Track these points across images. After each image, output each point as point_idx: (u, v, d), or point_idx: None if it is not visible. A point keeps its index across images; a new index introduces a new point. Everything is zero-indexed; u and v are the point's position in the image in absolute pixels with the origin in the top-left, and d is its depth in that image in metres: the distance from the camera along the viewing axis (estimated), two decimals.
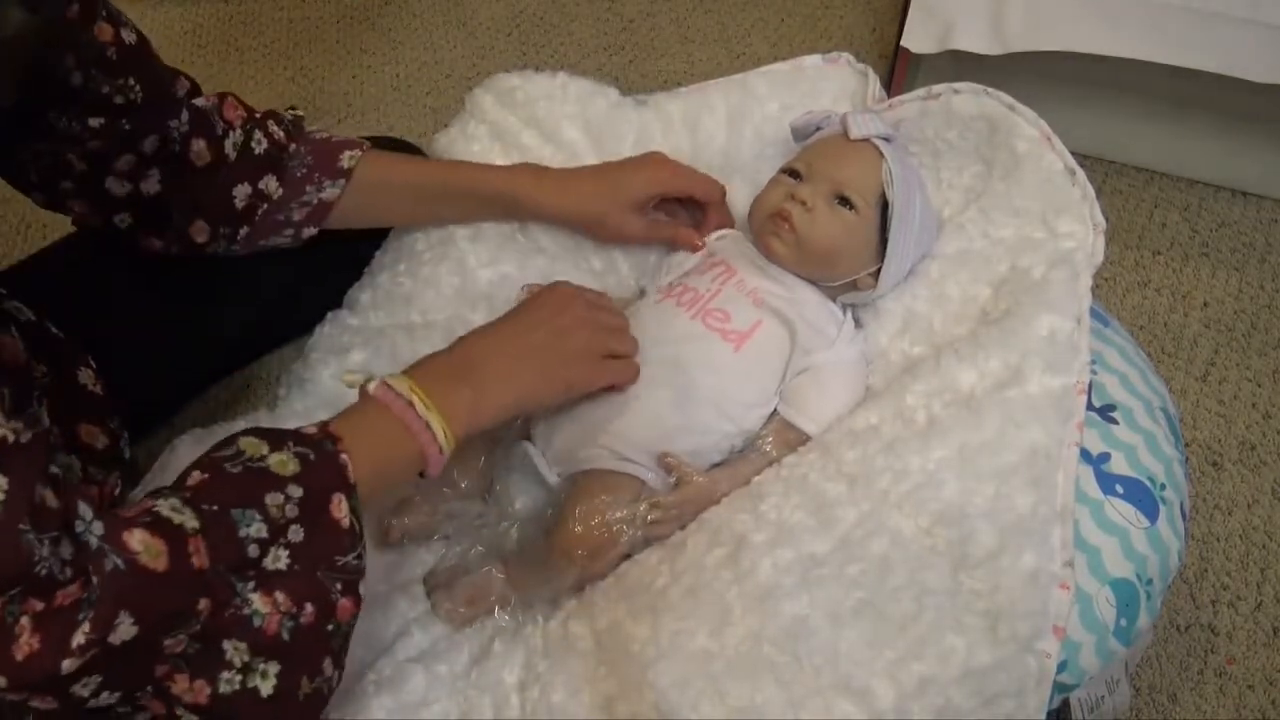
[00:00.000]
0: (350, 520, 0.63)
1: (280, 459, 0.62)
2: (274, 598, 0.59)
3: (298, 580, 0.60)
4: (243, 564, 0.59)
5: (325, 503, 0.62)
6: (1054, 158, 0.91)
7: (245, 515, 0.59)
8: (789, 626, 0.71)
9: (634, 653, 0.72)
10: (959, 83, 0.96)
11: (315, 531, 0.61)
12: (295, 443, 0.64)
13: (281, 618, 0.59)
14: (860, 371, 0.87)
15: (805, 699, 0.69)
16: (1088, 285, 0.85)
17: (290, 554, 0.60)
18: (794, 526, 0.75)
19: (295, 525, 0.61)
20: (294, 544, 0.61)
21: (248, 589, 0.59)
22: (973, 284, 0.88)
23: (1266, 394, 1.30)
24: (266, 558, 0.60)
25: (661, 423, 0.83)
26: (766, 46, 1.69)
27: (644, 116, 1.04)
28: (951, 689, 0.69)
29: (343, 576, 0.63)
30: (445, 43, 1.70)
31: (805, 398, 0.85)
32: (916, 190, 0.89)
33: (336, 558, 0.62)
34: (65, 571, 0.51)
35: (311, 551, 0.61)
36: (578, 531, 0.80)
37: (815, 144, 0.92)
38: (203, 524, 0.57)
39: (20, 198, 0.84)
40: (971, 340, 0.83)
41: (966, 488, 0.75)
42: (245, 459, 0.62)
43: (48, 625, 0.50)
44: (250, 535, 0.59)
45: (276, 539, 0.60)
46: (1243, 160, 1.47)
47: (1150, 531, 0.79)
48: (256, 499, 0.60)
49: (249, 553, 0.59)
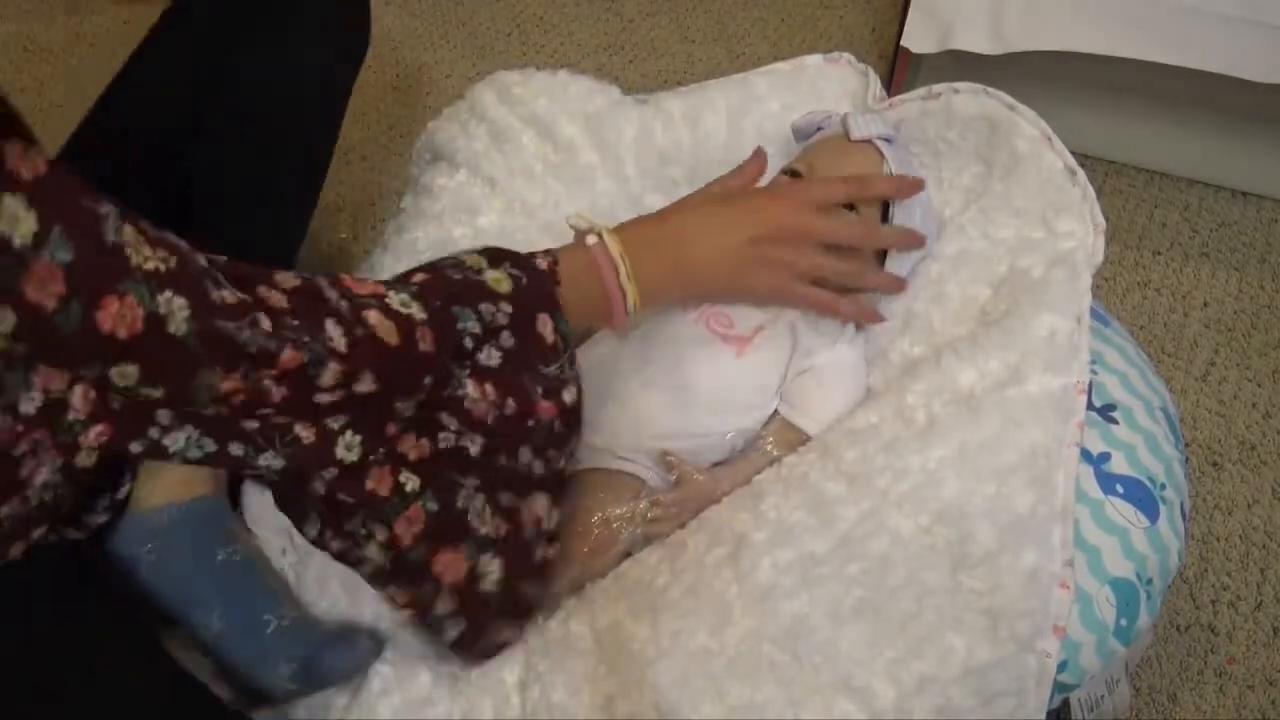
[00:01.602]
0: (555, 338, 0.70)
1: (496, 276, 0.69)
2: (484, 388, 0.67)
3: (504, 378, 0.68)
4: (460, 353, 0.66)
5: (532, 320, 0.69)
6: (1054, 157, 0.91)
7: (464, 313, 0.66)
8: (789, 625, 0.71)
9: (634, 652, 0.72)
10: (959, 82, 0.96)
11: (522, 340, 0.69)
12: (513, 264, 0.71)
13: (488, 406, 0.68)
14: (860, 372, 0.87)
15: (805, 698, 0.69)
16: (1088, 285, 0.85)
17: (502, 355, 0.68)
18: (794, 526, 0.75)
19: (505, 331, 0.68)
20: (505, 347, 0.68)
21: (464, 375, 0.67)
22: (972, 284, 0.88)
23: (1266, 394, 1.30)
24: (481, 353, 0.67)
25: (659, 424, 0.83)
26: (766, 46, 1.69)
27: (644, 114, 1.04)
28: (951, 688, 0.69)
29: (544, 383, 0.70)
30: (445, 43, 1.70)
31: (806, 398, 0.84)
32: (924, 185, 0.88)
33: (540, 366, 0.70)
34: (271, 343, 0.56)
35: (517, 357, 0.69)
36: (577, 530, 0.80)
37: (816, 144, 0.92)
38: (429, 315, 0.64)
39: None
40: (971, 340, 0.83)
41: (966, 487, 0.75)
42: (466, 268, 0.69)
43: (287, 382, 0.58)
44: (467, 329, 0.66)
45: (489, 339, 0.68)
46: (1243, 160, 1.47)
47: (1150, 531, 0.79)
48: (474, 303, 0.67)
49: (466, 344, 0.66)
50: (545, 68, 1.09)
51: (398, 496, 0.67)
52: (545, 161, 1.01)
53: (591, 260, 0.74)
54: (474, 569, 0.71)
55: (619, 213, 0.99)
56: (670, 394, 0.83)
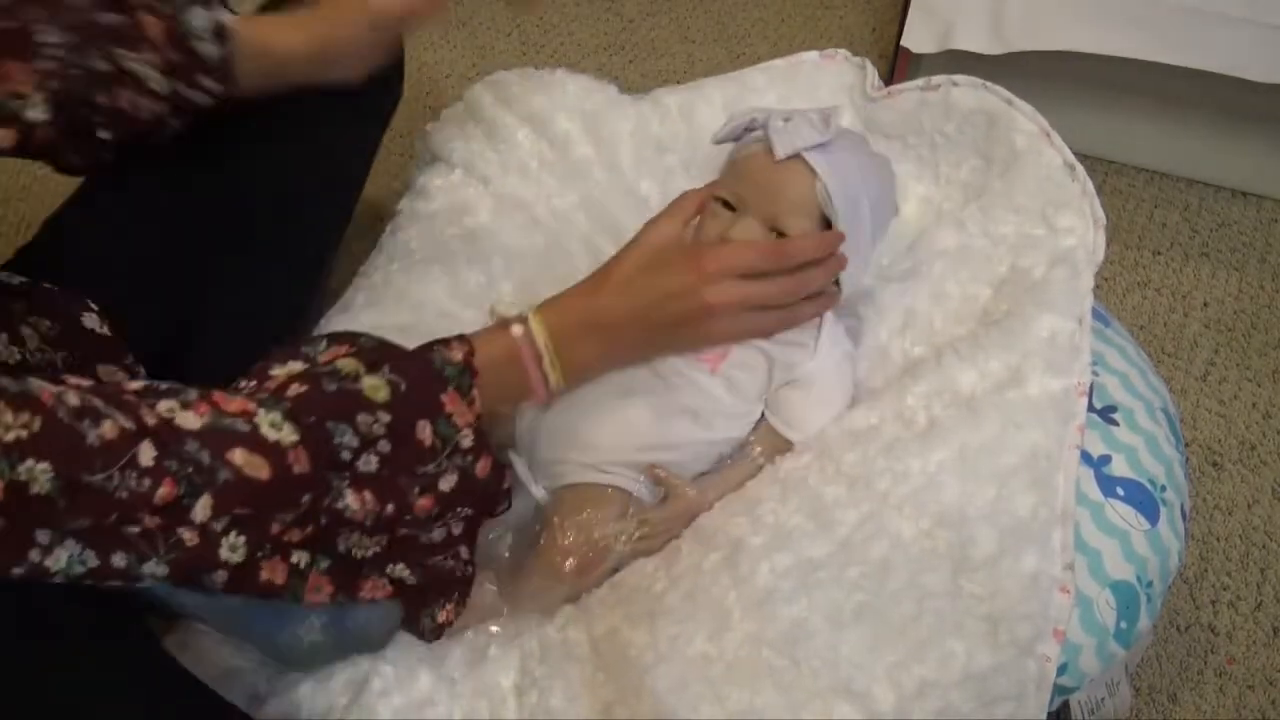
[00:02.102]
0: (434, 440, 0.70)
1: (373, 383, 0.68)
2: (363, 495, 0.68)
3: (382, 483, 0.68)
4: (338, 465, 0.67)
5: (411, 426, 0.69)
6: (1053, 153, 0.90)
7: (339, 429, 0.66)
8: (788, 630, 0.71)
9: (632, 658, 0.72)
10: (958, 75, 0.96)
11: (399, 446, 0.68)
12: (393, 368, 0.70)
13: (366, 512, 0.68)
14: (847, 372, 0.85)
15: (805, 702, 0.68)
16: (1089, 285, 0.85)
17: (379, 460, 0.68)
18: (792, 530, 0.75)
19: (383, 440, 0.68)
20: (382, 453, 0.68)
21: (343, 484, 0.67)
22: (973, 283, 0.88)
23: (1266, 394, 1.30)
24: (359, 461, 0.67)
25: (641, 436, 0.81)
26: (766, 46, 1.69)
27: (641, 109, 1.04)
28: (951, 692, 0.69)
29: (421, 481, 0.70)
30: (445, 43, 1.70)
31: (792, 410, 0.83)
32: (862, 190, 0.81)
33: (418, 468, 0.70)
34: (144, 482, 0.58)
35: (395, 461, 0.68)
36: (565, 547, 0.79)
37: (743, 165, 0.83)
38: (302, 435, 0.64)
39: (20, 198, 0.83)
40: (972, 341, 0.82)
41: (967, 490, 0.75)
42: (342, 377, 0.68)
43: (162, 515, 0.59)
44: (344, 444, 0.66)
45: (366, 449, 0.67)
46: (1243, 160, 1.47)
47: (1151, 534, 0.79)
48: (349, 417, 0.67)
49: (343, 457, 0.66)
50: (545, 68, 1.10)
51: (295, 577, 0.69)
52: (540, 158, 1.01)
53: (514, 349, 0.74)
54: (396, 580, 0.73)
55: (612, 204, 0.99)
56: (651, 406, 0.81)
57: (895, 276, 0.90)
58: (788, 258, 0.77)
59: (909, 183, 0.98)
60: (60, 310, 0.81)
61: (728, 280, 0.76)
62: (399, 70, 1.05)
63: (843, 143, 0.81)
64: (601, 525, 0.80)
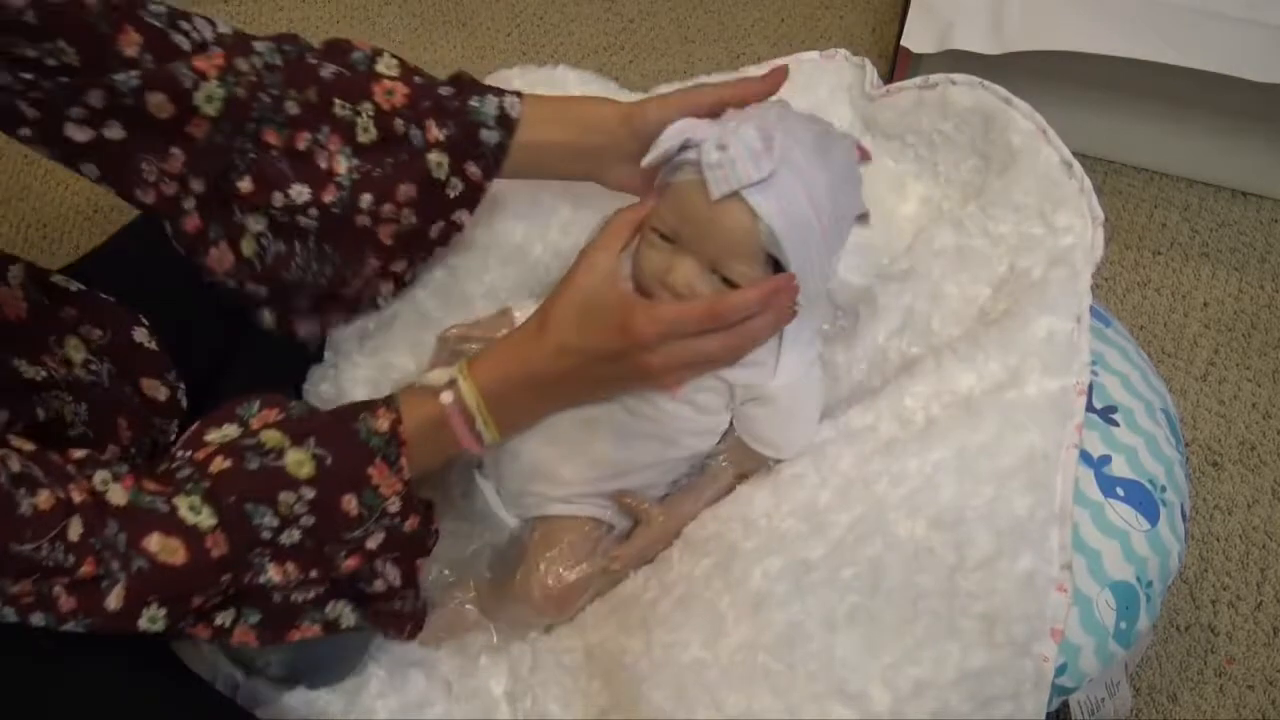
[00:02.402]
0: (360, 510, 0.68)
1: (297, 458, 0.66)
2: (285, 567, 0.67)
3: (305, 553, 0.67)
4: (258, 543, 0.65)
5: (336, 500, 0.67)
6: (1050, 151, 0.90)
7: (258, 510, 0.65)
8: (783, 634, 0.70)
9: (627, 665, 0.72)
10: (957, 74, 0.96)
11: (324, 518, 0.67)
12: (319, 440, 0.67)
13: (290, 580, 0.67)
14: (814, 380, 0.80)
15: (801, 706, 0.68)
16: (1087, 283, 0.84)
17: (302, 533, 0.67)
18: (785, 533, 0.75)
19: (306, 516, 0.66)
20: (305, 526, 0.67)
21: (264, 560, 0.66)
22: (972, 284, 0.87)
23: (1266, 394, 1.30)
24: (281, 536, 0.66)
25: (607, 465, 0.79)
26: (766, 46, 1.69)
27: None
28: (948, 693, 0.69)
29: (348, 546, 0.69)
30: (445, 43, 1.70)
31: (760, 429, 0.79)
32: (813, 216, 0.71)
33: (344, 535, 0.68)
34: (69, 558, 0.58)
35: (319, 532, 0.67)
36: (543, 583, 0.78)
37: (679, 195, 0.72)
38: (220, 519, 0.63)
39: (20, 198, 0.84)
40: (970, 342, 0.82)
41: (964, 490, 0.75)
42: (266, 452, 0.66)
43: (79, 592, 0.59)
44: (264, 525, 0.65)
45: (288, 526, 0.66)
46: (1243, 160, 1.47)
47: (1151, 534, 0.79)
48: (270, 496, 0.65)
49: (263, 535, 0.65)
50: (545, 67, 1.10)
51: (221, 635, 0.68)
52: None
53: (443, 415, 0.72)
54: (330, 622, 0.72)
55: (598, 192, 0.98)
56: (615, 433, 0.78)
57: (895, 276, 0.90)
58: (727, 317, 0.70)
59: (908, 181, 0.98)
60: (110, 321, 0.81)
61: (665, 344, 0.70)
62: None
63: (788, 165, 0.70)
64: (576, 560, 0.78)
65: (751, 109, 0.75)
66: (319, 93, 0.77)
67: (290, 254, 0.79)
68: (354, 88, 0.78)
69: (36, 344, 0.75)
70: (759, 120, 0.71)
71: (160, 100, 0.73)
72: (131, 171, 0.75)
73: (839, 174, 0.73)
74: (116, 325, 0.82)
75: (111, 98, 0.72)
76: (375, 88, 0.78)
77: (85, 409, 0.76)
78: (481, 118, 0.80)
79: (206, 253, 0.79)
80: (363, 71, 0.79)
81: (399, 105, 0.78)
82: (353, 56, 0.79)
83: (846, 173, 0.75)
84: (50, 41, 0.68)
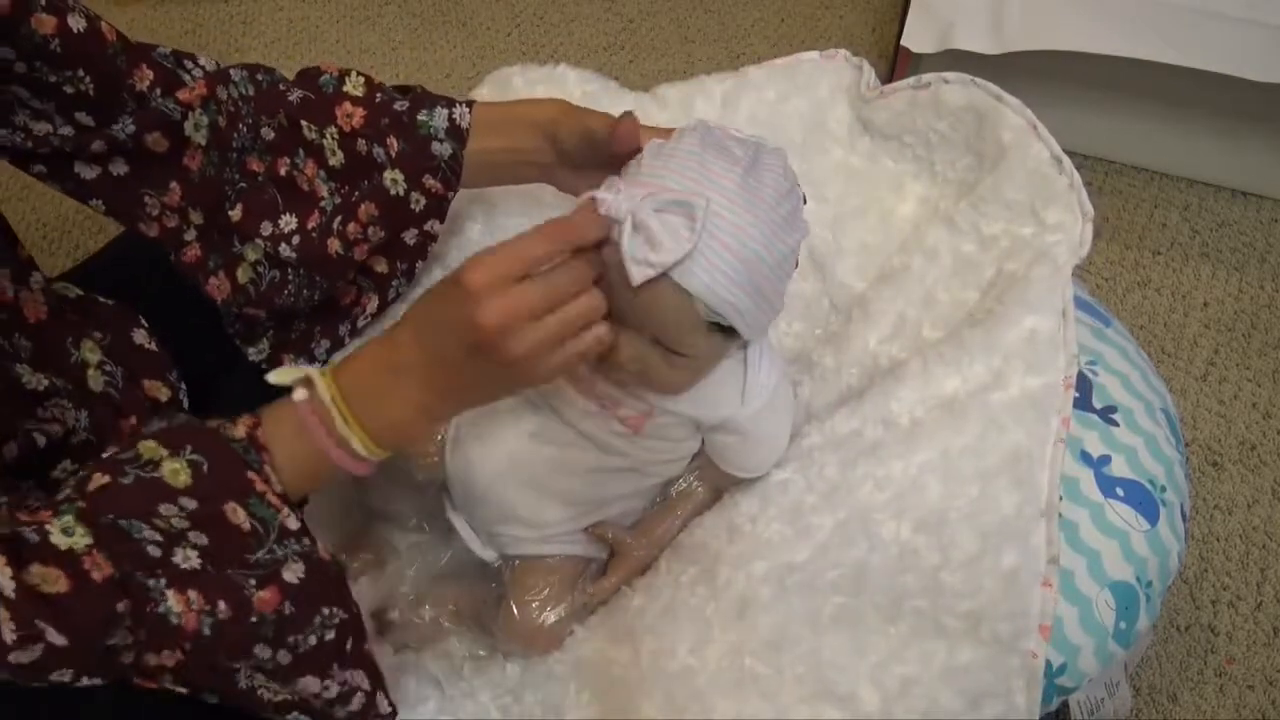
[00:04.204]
0: (251, 524, 0.62)
1: (174, 467, 0.62)
2: (186, 596, 0.60)
3: (208, 579, 0.61)
4: (148, 563, 0.60)
5: (220, 513, 0.62)
6: (1040, 147, 0.90)
7: (134, 525, 0.60)
8: (769, 638, 0.70)
9: (616, 676, 0.72)
10: (949, 73, 0.96)
11: (216, 535, 0.62)
12: (196, 446, 0.63)
13: (199, 615, 0.61)
14: (783, 398, 0.78)
15: (791, 709, 0.68)
16: (1068, 276, 0.84)
17: (199, 554, 0.61)
18: (770, 538, 0.74)
19: (194, 531, 0.61)
20: (200, 545, 0.61)
21: (161, 585, 0.60)
22: (963, 289, 0.87)
23: (1266, 394, 1.30)
24: (174, 556, 0.60)
25: (582, 501, 0.78)
26: (766, 46, 1.69)
27: (640, 99, 1.04)
28: (936, 690, 0.69)
29: (256, 572, 0.63)
30: (445, 43, 1.70)
31: (732, 457, 0.77)
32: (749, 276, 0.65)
33: (246, 556, 0.63)
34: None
35: (218, 555, 0.62)
36: (528, 628, 0.78)
37: (611, 276, 0.65)
38: (95, 538, 0.59)
39: (20, 198, 0.84)
40: (955, 344, 0.82)
41: (949, 490, 0.75)
42: (142, 463, 0.62)
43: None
44: (145, 539, 0.60)
45: (176, 542, 0.61)
46: (1243, 160, 1.47)
47: (1150, 534, 0.79)
48: (147, 510, 0.60)
49: (150, 553, 0.60)
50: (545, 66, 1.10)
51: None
52: None
53: (298, 414, 0.64)
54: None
55: None
56: (588, 471, 0.77)
57: (889, 278, 0.90)
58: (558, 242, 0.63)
59: (906, 181, 0.98)
60: (111, 324, 0.82)
61: (496, 293, 0.61)
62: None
63: (715, 228, 0.63)
64: (556, 600, 0.78)
65: (672, 144, 0.68)
66: (288, 116, 0.79)
67: (284, 281, 0.81)
68: (319, 111, 0.79)
69: (55, 348, 0.76)
70: (679, 175, 0.65)
71: (156, 137, 0.76)
72: (135, 205, 0.78)
73: (771, 205, 0.66)
74: (117, 328, 0.83)
75: (114, 141, 0.76)
76: (338, 110, 0.79)
77: (86, 416, 0.76)
78: (431, 131, 0.80)
79: (206, 281, 0.80)
80: (329, 94, 0.80)
81: (358, 126, 0.79)
82: (320, 80, 0.81)
83: (779, 198, 0.67)
84: (71, 69, 0.71)
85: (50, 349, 0.75)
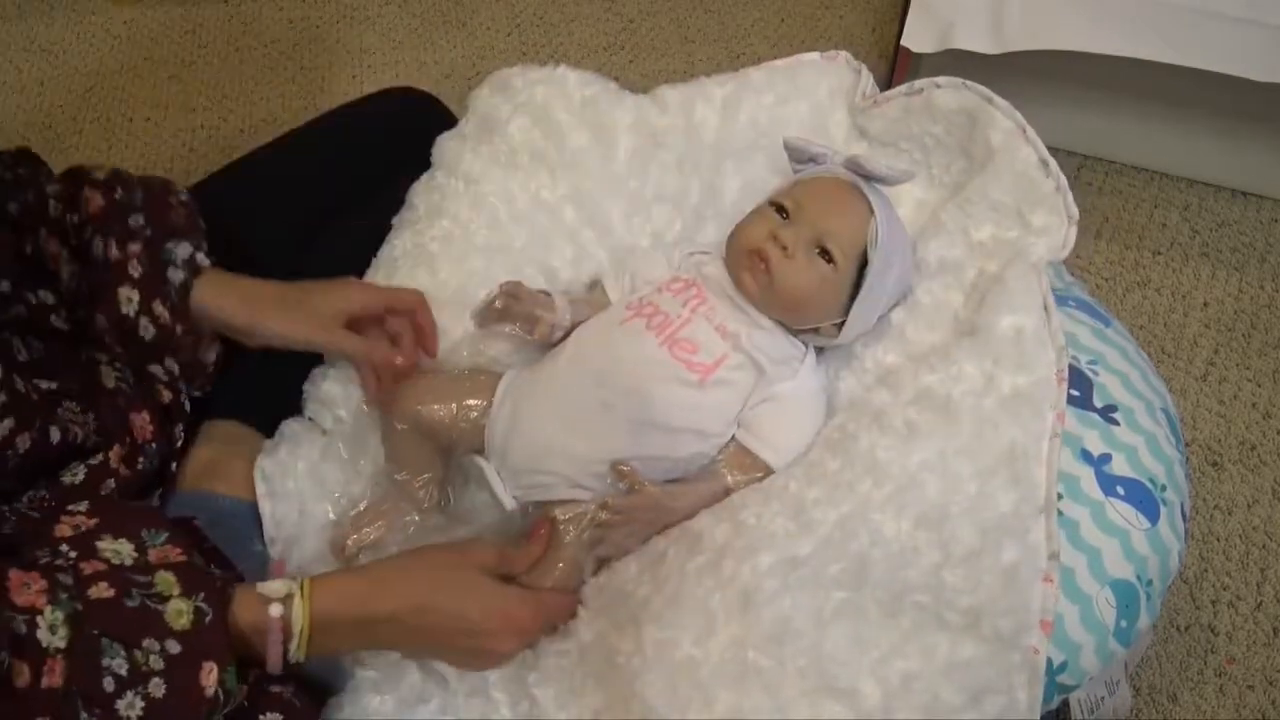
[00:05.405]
0: (215, 690, 0.63)
1: (179, 607, 0.63)
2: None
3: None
4: (95, 695, 0.59)
5: (196, 666, 0.62)
6: (1028, 150, 0.91)
7: (113, 649, 0.60)
8: (772, 630, 0.70)
9: (619, 665, 0.72)
10: (940, 77, 0.97)
11: (175, 691, 0.61)
12: (208, 595, 0.64)
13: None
14: (820, 402, 0.85)
15: (792, 702, 0.68)
16: (1041, 271, 0.85)
17: (145, 705, 0.60)
18: (775, 531, 0.75)
19: (158, 679, 0.61)
20: (152, 697, 0.60)
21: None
22: (945, 291, 0.88)
23: (1266, 394, 1.30)
24: (121, 700, 0.60)
25: (616, 449, 0.81)
26: (766, 46, 1.69)
27: (641, 102, 1.04)
28: (937, 686, 0.69)
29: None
30: (445, 43, 1.70)
31: (765, 428, 0.83)
32: (897, 253, 0.85)
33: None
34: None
35: (165, 712, 0.61)
36: (552, 558, 0.80)
37: (809, 181, 0.87)
38: (69, 646, 0.58)
39: None
40: (944, 348, 0.83)
41: (948, 488, 0.75)
42: (153, 593, 0.63)
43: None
44: (111, 668, 0.59)
45: (136, 684, 0.60)
46: (1243, 160, 1.47)
47: (1151, 533, 0.79)
48: (133, 638, 0.61)
49: (105, 685, 0.59)
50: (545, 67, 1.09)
51: None
52: (531, 149, 1.00)
53: (264, 624, 0.67)
54: None
55: (600, 194, 0.99)
56: (627, 418, 0.81)
57: None
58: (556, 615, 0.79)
59: (903, 185, 0.98)
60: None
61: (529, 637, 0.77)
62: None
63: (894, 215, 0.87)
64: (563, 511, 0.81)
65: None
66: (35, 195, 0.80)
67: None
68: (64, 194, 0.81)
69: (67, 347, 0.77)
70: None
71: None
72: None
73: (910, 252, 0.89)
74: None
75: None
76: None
77: (93, 418, 0.77)
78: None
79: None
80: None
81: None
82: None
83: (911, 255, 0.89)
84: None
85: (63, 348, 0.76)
